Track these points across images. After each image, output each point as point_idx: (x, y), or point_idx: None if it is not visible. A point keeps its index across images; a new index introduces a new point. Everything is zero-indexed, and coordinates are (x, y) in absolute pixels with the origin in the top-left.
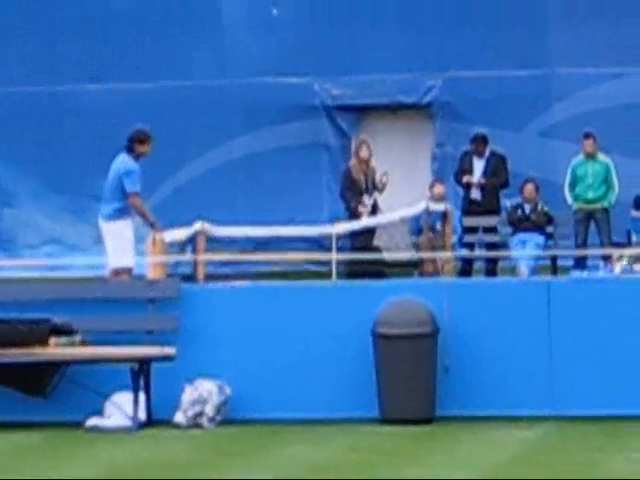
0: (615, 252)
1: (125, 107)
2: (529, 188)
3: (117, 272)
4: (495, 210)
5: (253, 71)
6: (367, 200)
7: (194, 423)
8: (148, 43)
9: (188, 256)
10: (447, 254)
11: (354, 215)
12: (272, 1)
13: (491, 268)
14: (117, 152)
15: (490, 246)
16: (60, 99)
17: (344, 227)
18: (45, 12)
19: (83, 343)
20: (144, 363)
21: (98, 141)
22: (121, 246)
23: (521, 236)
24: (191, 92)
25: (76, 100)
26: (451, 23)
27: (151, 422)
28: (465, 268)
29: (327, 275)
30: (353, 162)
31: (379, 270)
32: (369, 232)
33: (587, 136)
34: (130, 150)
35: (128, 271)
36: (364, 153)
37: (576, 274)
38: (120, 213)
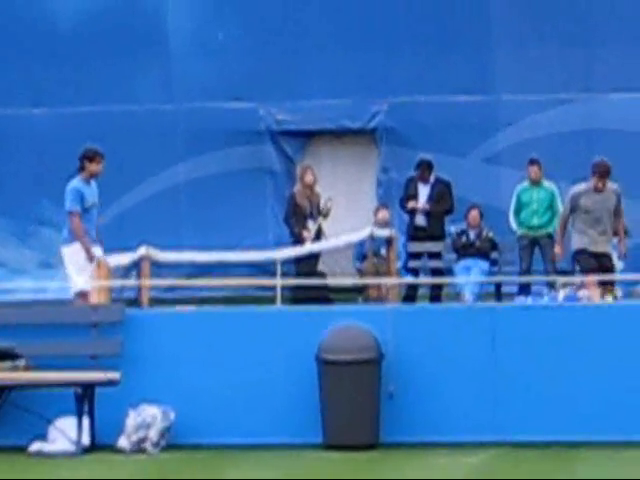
0: (559, 279)
1: (70, 131)
2: (474, 214)
3: (81, 295)
4: (440, 236)
5: (198, 95)
6: (311, 225)
7: (138, 448)
8: (94, 67)
9: (132, 281)
10: (392, 280)
11: (298, 240)
12: (218, 26)
13: (436, 294)
14: (63, 175)
15: (435, 272)
16: (4, 123)
17: (288, 252)
18: None
19: (27, 368)
20: (88, 388)
21: (43, 165)
22: (78, 269)
23: (466, 262)
24: (137, 116)
25: (21, 124)
26: (397, 48)
27: (95, 447)
28: (410, 294)
29: (271, 300)
30: (298, 187)
31: (324, 295)
32: (313, 257)
33: (532, 162)
34: (82, 169)
35: (84, 295)
36: (309, 178)
37: (520, 300)
38: (69, 238)
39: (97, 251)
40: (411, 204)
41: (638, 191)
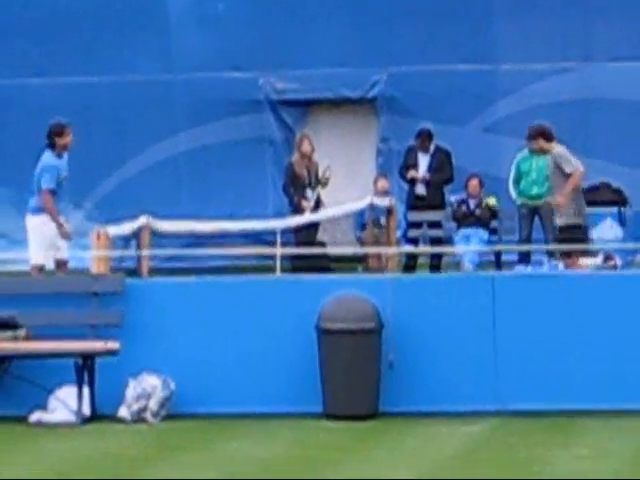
0: (559, 248)
1: (70, 102)
2: (473, 183)
3: (39, 268)
4: (440, 205)
5: (198, 66)
6: (310, 195)
7: (138, 418)
8: (94, 37)
9: (132, 251)
10: (391, 249)
11: (297, 210)
12: None
13: (435, 263)
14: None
15: (435, 241)
16: (3, 93)
17: (288, 222)
18: None
19: (27, 338)
20: (88, 358)
21: (42, 136)
22: (36, 242)
23: (465, 231)
24: (136, 87)
25: (20, 95)
26: (397, 17)
27: (95, 417)
28: (409, 263)
29: (271, 270)
30: (295, 157)
31: (323, 265)
32: (313, 227)
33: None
34: (52, 146)
35: (39, 268)
36: (306, 147)
37: (520, 269)
38: (39, 209)
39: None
40: (411, 173)
41: (635, 160)
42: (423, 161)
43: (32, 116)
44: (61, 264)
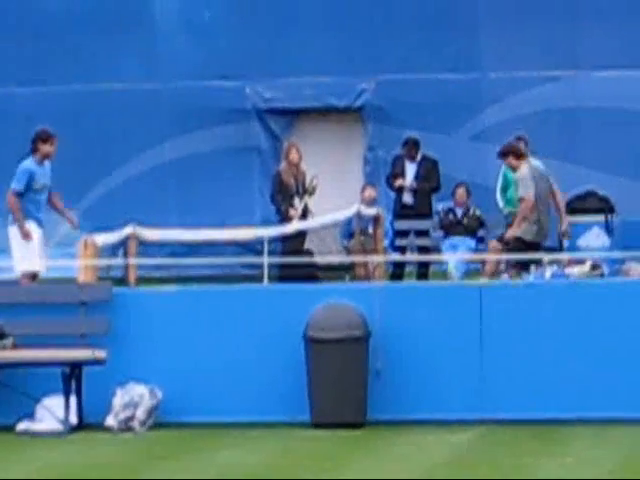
0: (546, 256)
1: (55, 110)
2: (460, 192)
3: (25, 276)
4: (427, 214)
5: (185, 74)
6: (298, 203)
7: (125, 427)
8: (79, 45)
9: (119, 259)
10: (379, 258)
11: (285, 218)
12: (204, 4)
13: (423, 272)
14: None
15: (422, 250)
16: None
17: (275, 230)
18: None
19: (14, 346)
20: (75, 367)
21: (26, 145)
22: (21, 251)
23: (453, 240)
24: (123, 95)
25: (5, 103)
26: (383, 26)
27: (82, 426)
28: (397, 272)
29: (259, 279)
30: (283, 165)
31: (311, 274)
32: (300, 235)
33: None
34: (34, 151)
35: (33, 275)
36: (293, 156)
37: (507, 278)
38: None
39: (36, 232)
40: (398, 182)
41: (622, 168)
42: (410, 170)
43: (17, 125)
44: (33, 275)
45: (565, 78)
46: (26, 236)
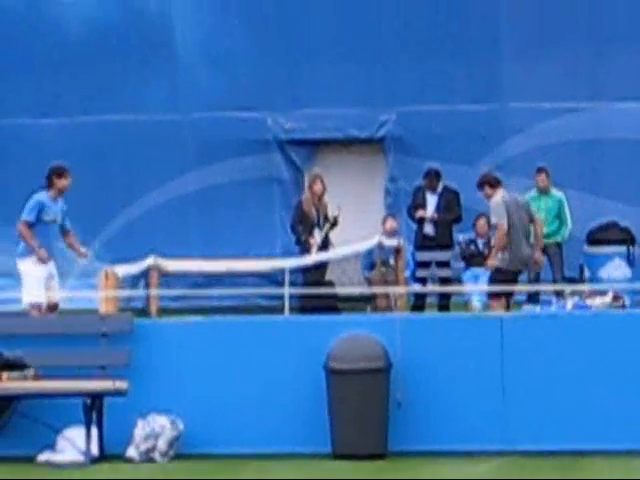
0: (567, 287)
1: (78, 141)
2: (482, 223)
3: (33, 308)
4: (448, 245)
5: (206, 105)
6: (318, 234)
7: (147, 458)
8: (102, 77)
9: (141, 291)
10: (400, 289)
11: (305, 248)
12: (226, 36)
13: (444, 303)
14: (71, 186)
15: (443, 281)
16: (13, 133)
17: (296, 261)
18: None
19: (35, 377)
20: (96, 397)
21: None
22: (30, 283)
23: (474, 271)
24: (145, 126)
25: (29, 134)
26: (404, 57)
27: (103, 457)
28: (418, 303)
29: (279, 310)
30: (306, 195)
31: (331, 305)
32: (321, 267)
33: (540, 171)
34: (49, 186)
35: (38, 307)
36: (317, 187)
37: (528, 309)
38: (27, 250)
39: (44, 264)
40: (419, 213)
41: None
42: (431, 201)
43: (40, 156)
44: (52, 306)
45: (586, 109)
46: (43, 260)
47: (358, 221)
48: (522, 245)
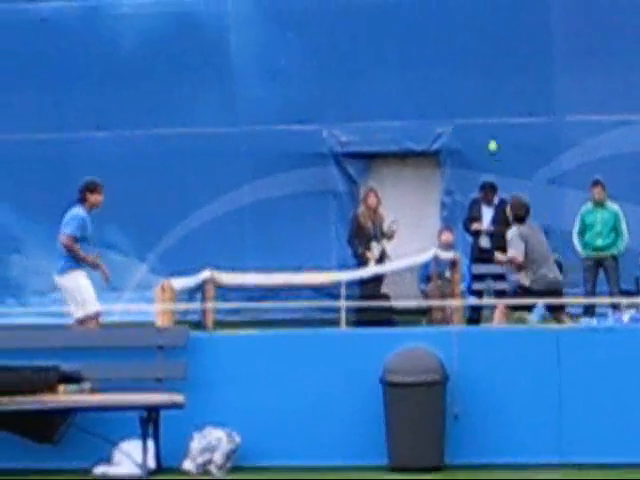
0: (624, 300)
1: (133, 154)
2: None
3: (82, 321)
4: None
5: (262, 119)
6: (375, 247)
7: (203, 470)
8: (157, 89)
9: (197, 304)
10: (456, 302)
11: (361, 261)
12: (281, 49)
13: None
14: (128, 199)
15: (499, 293)
16: (68, 146)
17: (353, 274)
18: (52, 59)
19: (92, 390)
20: (153, 411)
21: (107, 189)
22: (79, 296)
23: None
24: (200, 139)
25: (84, 147)
26: (460, 70)
27: (160, 470)
28: (474, 316)
29: (336, 323)
30: (361, 209)
31: (388, 318)
32: (378, 280)
33: (596, 183)
34: (82, 201)
35: (95, 317)
36: (372, 200)
37: (585, 322)
38: (70, 265)
39: (84, 279)
40: (475, 226)
41: None
42: (487, 214)
43: (95, 169)
44: (93, 316)
45: None
46: (96, 265)
47: (414, 234)
48: (545, 266)
